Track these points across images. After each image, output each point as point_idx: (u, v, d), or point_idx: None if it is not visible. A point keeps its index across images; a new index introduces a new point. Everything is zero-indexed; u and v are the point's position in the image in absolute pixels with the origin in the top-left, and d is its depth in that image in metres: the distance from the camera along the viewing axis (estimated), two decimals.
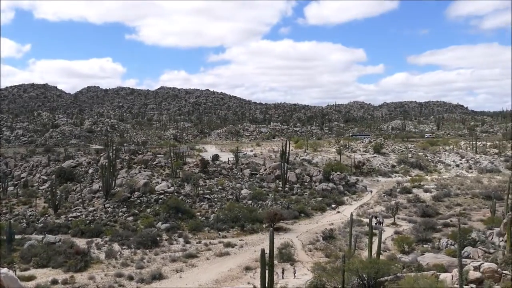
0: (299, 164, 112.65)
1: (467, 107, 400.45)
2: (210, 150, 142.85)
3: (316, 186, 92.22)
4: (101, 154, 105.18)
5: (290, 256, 51.45)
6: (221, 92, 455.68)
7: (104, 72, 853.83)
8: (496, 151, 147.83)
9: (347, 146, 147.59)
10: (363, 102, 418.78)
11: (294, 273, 45.61)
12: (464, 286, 29.50)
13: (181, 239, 59.23)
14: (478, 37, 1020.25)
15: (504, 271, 32.32)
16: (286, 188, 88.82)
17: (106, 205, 73.15)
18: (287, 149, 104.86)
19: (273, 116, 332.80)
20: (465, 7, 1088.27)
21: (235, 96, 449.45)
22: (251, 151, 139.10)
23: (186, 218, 67.58)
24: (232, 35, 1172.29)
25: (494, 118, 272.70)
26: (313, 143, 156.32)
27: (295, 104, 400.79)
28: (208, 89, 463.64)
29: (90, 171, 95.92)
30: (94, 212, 71.09)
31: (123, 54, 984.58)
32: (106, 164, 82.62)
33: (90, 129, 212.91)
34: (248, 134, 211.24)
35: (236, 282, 44.37)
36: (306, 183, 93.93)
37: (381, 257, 43.49)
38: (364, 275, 33.35)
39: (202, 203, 76.45)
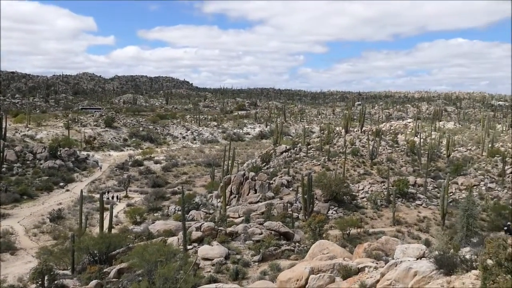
0: (20, 141, 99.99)
1: (192, 84, 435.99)
2: None
3: (41, 164, 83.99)
4: None
5: (10, 245, 45.83)
6: None
7: None
8: (215, 123, 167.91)
9: (77, 120, 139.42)
10: (93, 74, 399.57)
11: None
12: (188, 246, 32.89)
13: None
14: (201, 19, 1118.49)
15: (220, 228, 37.52)
16: (4, 169, 77.55)
17: None
18: (4, 124, 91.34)
19: None
20: None
21: None
22: None
23: None
24: None
25: (214, 94, 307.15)
26: (37, 117, 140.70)
27: (13, 72, 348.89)
28: None
29: None
30: None
31: None
32: None
33: None
34: None
35: None
36: (29, 162, 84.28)
37: (114, 231, 43.74)
38: (95, 251, 32.89)
39: None
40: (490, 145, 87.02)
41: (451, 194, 60.56)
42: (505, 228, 33.54)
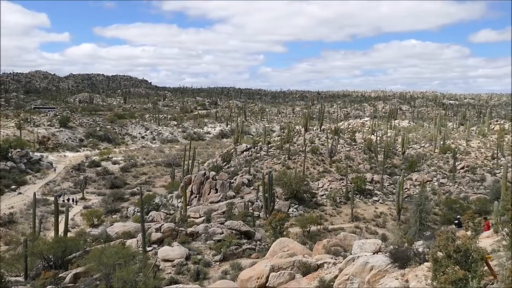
0: None
1: (151, 83, 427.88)
2: None
3: None
4: None
5: None
6: None
7: None
8: (175, 123, 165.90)
9: (29, 120, 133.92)
10: (46, 72, 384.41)
11: None
12: (148, 248, 32.37)
13: None
14: (160, 17, 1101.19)
15: (180, 228, 37.15)
16: None
17: None
18: None
19: None
20: None
21: None
22: None
23: None
24: None
25: (173, 93, 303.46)
26: None
27: None
28: None
29: None
30: None
31: None
32: None
33: None
34: None
35: None
36: None
37: (70, 234, 42.34)
38: (50, 256, 31.75)
39: None
40: (442, 142, 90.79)
41: (406, 190, 62.68)
42: (455, 221, 35.11)
